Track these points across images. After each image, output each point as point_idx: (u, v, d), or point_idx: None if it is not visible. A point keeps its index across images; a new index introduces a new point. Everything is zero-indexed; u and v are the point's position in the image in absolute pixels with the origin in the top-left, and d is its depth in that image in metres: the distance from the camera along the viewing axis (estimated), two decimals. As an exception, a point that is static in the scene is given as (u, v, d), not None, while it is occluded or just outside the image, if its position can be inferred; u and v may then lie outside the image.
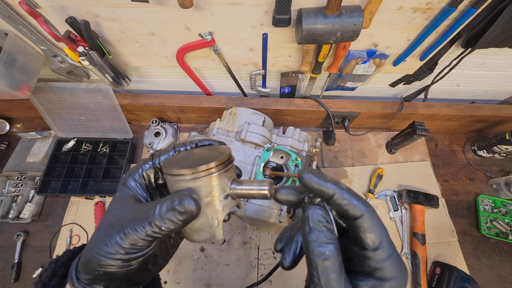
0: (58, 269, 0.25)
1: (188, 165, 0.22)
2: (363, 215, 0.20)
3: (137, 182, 0.25)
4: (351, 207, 0.20)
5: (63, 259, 0.26)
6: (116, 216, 0.22)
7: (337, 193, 0.21)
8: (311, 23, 0.50)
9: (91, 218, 0.79)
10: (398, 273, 0.20)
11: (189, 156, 0.25)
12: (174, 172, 0.22)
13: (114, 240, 0.20)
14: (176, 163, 0.23)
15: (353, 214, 0.20)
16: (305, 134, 0.75)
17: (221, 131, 0.71)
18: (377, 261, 0.20)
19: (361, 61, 0.65)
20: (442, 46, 0.63)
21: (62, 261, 0.26)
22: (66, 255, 0.27)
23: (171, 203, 0.20)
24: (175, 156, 0.26)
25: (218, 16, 0.56)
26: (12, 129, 0.96)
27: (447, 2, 0.51)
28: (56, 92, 0.77)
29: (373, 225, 0.20)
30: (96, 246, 0.20)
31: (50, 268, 0.25)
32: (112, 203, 0.24)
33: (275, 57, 0.68)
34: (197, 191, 0.22)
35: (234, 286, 0.71)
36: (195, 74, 0.75)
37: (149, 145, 0.87)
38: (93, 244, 0.21)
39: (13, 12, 0.54)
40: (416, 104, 0.82)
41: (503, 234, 0.78)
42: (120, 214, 0.22)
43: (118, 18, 0.57)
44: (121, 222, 0.21)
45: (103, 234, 0.21)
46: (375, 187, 0.83)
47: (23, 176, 0.83)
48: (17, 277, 0.73)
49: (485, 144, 0.86)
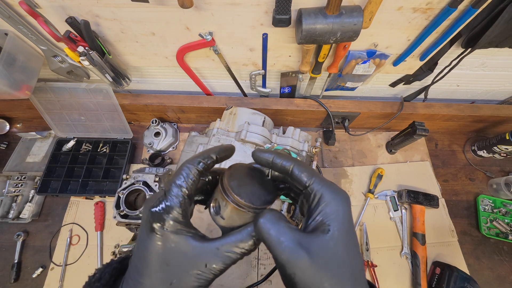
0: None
1: (253, 197, 0.25)
2: (294, 165, 0.24)
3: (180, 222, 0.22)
4: (281, 165, 0.25)
5: (106, 277, 0.25)
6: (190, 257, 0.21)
7: (274, 158, 0.25)
8: (311, 23, 0.50)
9: (91, 218, 0.79)
10: (336, 195, 0.22)
11: (243, 183, 0.26)
12: (254, 205, 0.24)
13: (208, 279, 0.21)
14: (250, 196, 0.25)
15: (286, 167, 0.24)
16: (305, 134, 0.75)
17: (221, 131, 0.71)
18: (314, 192, 0.22)
19: (361, 61, 0.65)
20: (442, 46, 0.63)
21: (105, 280, 0.25)
22: (109, 272, 0.26)
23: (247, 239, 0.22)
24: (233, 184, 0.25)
25: (218, 16, 0.56)
26: (12, 129, 0.96)
27: (447, 2, 0.51)
28: (56, 92, 0.77)
29: (302, 168, 0.24)
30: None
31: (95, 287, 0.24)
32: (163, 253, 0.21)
33: (275, 57, 0.68)
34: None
35: (234, 286, 0.71)
36: (195, 74, 0.75)
37: (149, 145, 0.87)
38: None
39: (13, 12, 0.54)
40: (416, 104, 0.82)
41: (503, 234, 0.78)
42: (194, 255, 0.21)
43: (118, 18, 0.57)
44: (205, 260, 0.21)
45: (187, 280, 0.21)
46: (375, 187, 0.83)
47: (23, 176, 0.83)
48: (17, 277, 0.73)
49: (485, 144, 0.86)
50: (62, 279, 0.72)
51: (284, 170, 0.25)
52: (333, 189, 0.22)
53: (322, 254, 0.19)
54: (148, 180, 0.71)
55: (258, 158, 0.27)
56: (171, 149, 0.90)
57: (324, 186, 0.22)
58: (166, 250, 0.21)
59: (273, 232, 0.20)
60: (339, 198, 0.22)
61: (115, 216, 0.66)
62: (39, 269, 0.73)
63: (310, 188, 0.23)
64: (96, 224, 0.78)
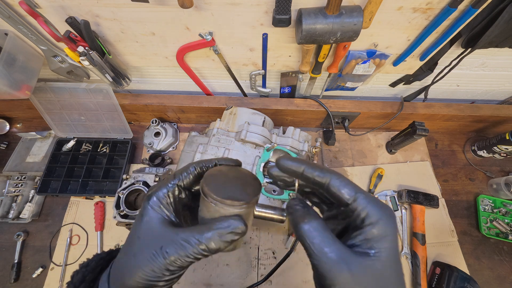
0: (87, 274, 0.26)
1: (233, 194, 0.24)
2: (331, 178, 0.22)
3: (162, 203, 0.25)
4: (318, 177, 0.23)
5: (93, 264, 0.27)
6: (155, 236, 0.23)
7: (305, 169, 0.23)
8: (311, 23, 0.50)
9: (91, 218, 0.79)
10: (382, 214, 0.20)
11: (224, 181, 0.26)
12: (227, 202, 0.24)
13: (160, 263, 0.21)
14: (219, 189, 0.25)
15: (322, 181, 0.23)
16: (305, 134, 0.75)
17: (221, 131, 0.71)
18: (358, 211, 0.21)
19: (361, 61, 0.65)
20: (442, 46, 0.63)
21: (92, 267, 0.27)
22: (95, 260, 0.28)
23: (228, 225, 0.22)
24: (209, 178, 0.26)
25: (218, 16, 0.56)
26: (12, 129, 0.96)
27: (447, 2, 0.51)
28: (56, 92, 0.77)
29: (342, 182, 0.22)
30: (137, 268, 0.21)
31: (81, 272, 0.26)
32: (140, 226, 0.24)
33: (275, 57, 0.68)
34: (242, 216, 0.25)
35: (234, 286, 0.71)
36: (195, 74, 0.75)
37: (149, 145, 0.87)
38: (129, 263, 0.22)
39: (13, 12, 0.54)
40: (416, 104, 0.82)
41: (503, 234, 0.78)
42: (158, 235, 0.23)
43: (118, 18, 0.57)
44: (162, 243, 0.22)
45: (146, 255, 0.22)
46: (375, 187, 0.83)
47: (23, 176, 0.83)
48: (17, 277, 0.73)
49: (485, 144, 0.86)
50: (62, 279, 0.72)
51: (318, 184, 0.23)
52: (379, 206, 0.21)
53: (367, 275, 0.19)
54: (148, 180, 0.71)
55: (284, 168, 0.25)
56: (171, 149, 0.90)
57: (370, 203, 0.21)
58: (142, 223, 0.24)
59: (317, 241, 0.20)
60: (386, 217, 0.20)
61: (115, 216, 0.66)
62: (39, 269, 0.73)
63: (353, 206, 0.21)
64: (96, 224, 0.78)
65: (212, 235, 0.22)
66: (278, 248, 0.76)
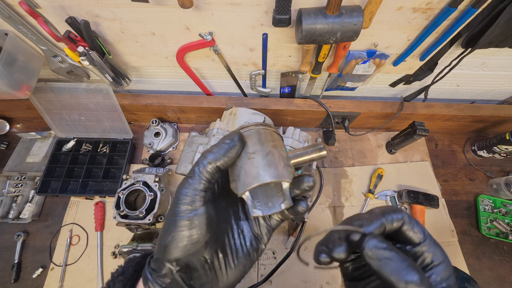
0: (126, 282, 0.25)
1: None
2: (404, 220, 0.23)
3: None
4: (396, 222, 0.23)
5: (130, 270, 0.26)
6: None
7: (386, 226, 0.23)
8: (311, 23, 0.50)
9: (91, 218, 0.79)
10: (445, 256, 0.23)
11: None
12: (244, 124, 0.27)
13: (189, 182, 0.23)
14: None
15: (396, 226, 0.23)
16: (305, 134, 0.75)
17: (221, 131, 0.71)
18: (428, 252, 0.23)
19: (361, 61, 0.65)
20: (442, 46, 0.63)
21: (129, 274, 0.26)
22: (132, 265, 0.27)
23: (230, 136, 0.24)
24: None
25: (218, 16, 0.56)
26: (12, 129, 0.96)
27: (447, 2, 0.51)
28: (56, 92, 0.77)
29: (414, 224, 0.23)
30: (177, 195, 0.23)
31: (119, 281, 0.25)
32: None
33: (275, 57, 0.68)
34: (261, 136, 0.26)
35: (234, 286, 0.71)
36: (195, 74, 0.75)
37: (149, 145, 0.87)
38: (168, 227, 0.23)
39: (13, 12, 0.54)
40: (416, 104, 0.82)
41: (503, 234, 0.78)
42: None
43: (118, 18, 0.57)
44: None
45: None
46: (375, 187, 0.83)
47: (23, 176, 0.83)
48: (17, 277, 0.73)
49: (485, 144, 0.86)
50: (62, 279, 0.72)
51: (392, 229, 0.23)
52: (441, 248, 0.23)
53: None
54: (148, 180, 0.71)
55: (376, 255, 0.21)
56: (171, 149, 0.90)
57: (434, 245, 0.23)
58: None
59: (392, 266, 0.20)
60: (447, 259, 0.23)
61: (115, 217, 0.66)
62: (39, 269, 0.73)
63: (422, 246, 0.23)
64: (96, 224, 0.78)
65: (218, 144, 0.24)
66: (278, 248, 0.76)
